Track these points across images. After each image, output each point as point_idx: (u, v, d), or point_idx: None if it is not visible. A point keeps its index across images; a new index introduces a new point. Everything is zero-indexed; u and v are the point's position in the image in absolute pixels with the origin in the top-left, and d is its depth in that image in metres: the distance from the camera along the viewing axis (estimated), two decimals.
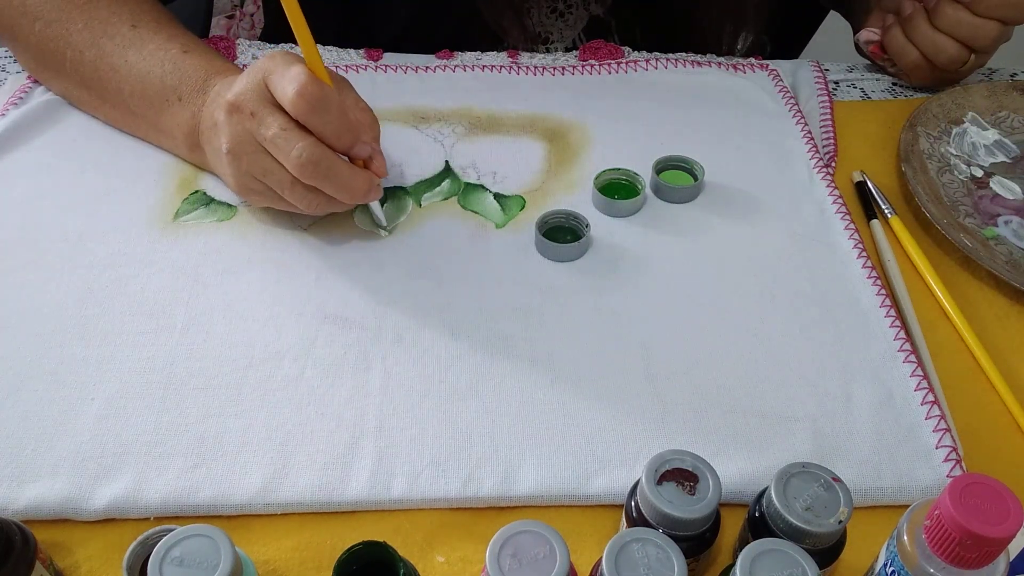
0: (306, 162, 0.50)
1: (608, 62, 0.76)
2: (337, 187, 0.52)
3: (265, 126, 0.51)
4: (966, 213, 0.63)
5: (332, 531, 0.45)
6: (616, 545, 0.35)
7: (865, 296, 0.56)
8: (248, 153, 0.52)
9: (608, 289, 0.56)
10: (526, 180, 0.64)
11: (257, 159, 0.52)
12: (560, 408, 0.49)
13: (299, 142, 0.50)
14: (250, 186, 0.55)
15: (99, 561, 0.43)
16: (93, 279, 0.55)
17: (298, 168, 0.51)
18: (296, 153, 0.50)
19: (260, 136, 0.51)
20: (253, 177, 0.54)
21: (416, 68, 0.74)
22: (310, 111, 0.50)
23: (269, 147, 0.51)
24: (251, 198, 0.57)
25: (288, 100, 0.49)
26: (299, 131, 0.51)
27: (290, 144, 0.50)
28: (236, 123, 0.52)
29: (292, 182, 0.52)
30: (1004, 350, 0.55)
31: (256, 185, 0.54)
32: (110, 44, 0.61)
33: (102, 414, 0.48)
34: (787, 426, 0.49)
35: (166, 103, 0.60)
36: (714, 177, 0.65)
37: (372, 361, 0.51)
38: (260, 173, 0.53)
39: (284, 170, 0.52)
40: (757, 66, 0.76)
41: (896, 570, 0.36)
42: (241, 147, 0.52)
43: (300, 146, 0.50)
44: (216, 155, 0.56)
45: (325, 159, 0.51)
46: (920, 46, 0.71)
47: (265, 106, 0.51)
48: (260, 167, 0.53)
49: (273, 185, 0.53)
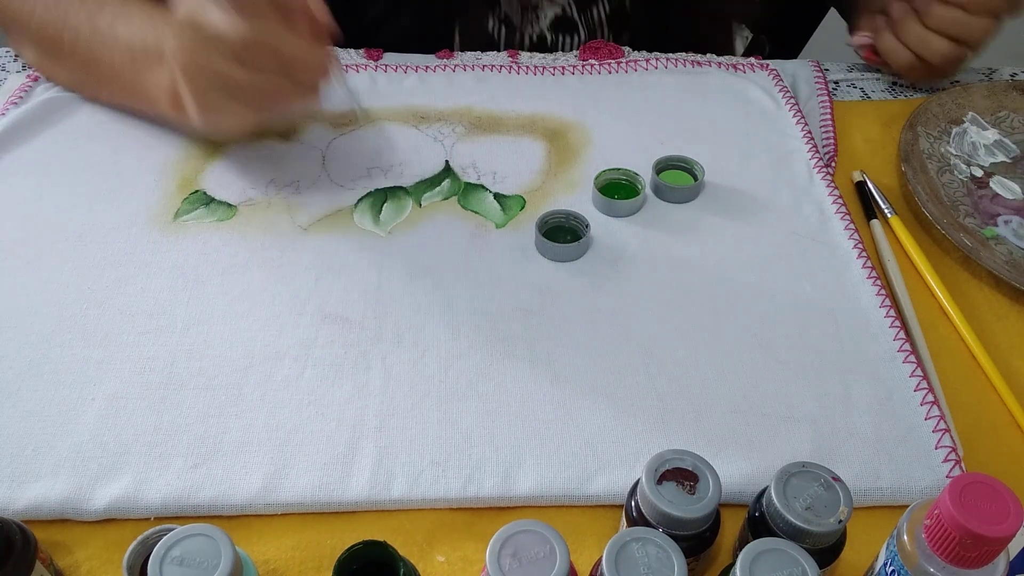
0: (243, 25, 0.50)
1: (608, 62, 0.76)
2: (282, 43, 0.51)
3: (210, 25, 0.50)
4: (966, 213, 0.63)
5: (332, 531, 0.45)
6: (616, 545, 0.35)
7: (865, 296, 0.56)
8: (197, 50, 0.52)
9: (608, 289, 0.56)
10: (526, 180, 0.64)
11: (205, 53, 0.52)
12: (560, 408, 0.49)
13: (233, 10, 0.50)
14: (210, 101, 0.54)
15: (99, 561, 0.43)
16: (93, 279, 0.55)
17: (236, 32, 0.50)
18: (234, 20, 0.50)
19: (205, 36, 0.51)
20: (206, 76, 0.53)
21: (416, 68, 0.74)
22: None
23: (212, 30, 0.51)
24: (216, 118, 0.56)
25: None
26: (240, 17, 0.50)
27: (226, 16, 0.50)
28: (185, 37, 0.52)
29: (243, 63, 0.51)
30: (1004, 350, 0.55)
31: (215, 97, 0.54)
32: (102, 21, 0.62)
33: (102, 414, 0.48)
34: (787, 426, 0.49)
35: (149, 64, 0.60)
36: (714, 177, 0.65)
37: (372, 361, 0.51)
38: (214, 79, 0.53)
39: (231, 65, 0.51)
40: (757, 66, 0.76)
41: (896, 570, 0.36)
42: (190, 56, 0.53)
43: (235, 16, 0.50)
44: (181, 86, 0.56)
45: (266, 23, 0.50)
46: (913, 47, 0.71)
47: (206, 3, 0.51)
48: (212, 71, 0.52)
49: (224, 69, 0.52)
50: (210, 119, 0.56)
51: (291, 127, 0.61)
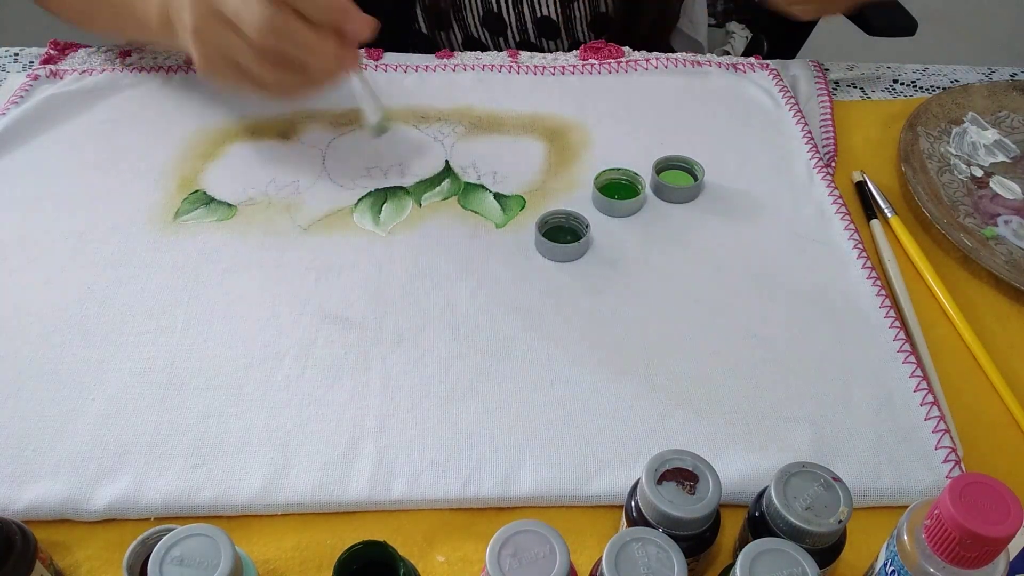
0: (264, 25, 0.49)
1: (608, 62, 0.76)
2: (302, 49, 0.51)
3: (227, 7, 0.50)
4: (966, 213, 0.63)
5: (332, 531, 0.45)
6: (616, 545, 0.35)
7: (865, 296, 0.56)
8: (211, 27, 0.52)
9: (608, 289, 0.56)
10: (526, 180, 0.64)
11: (220, 33, 0.52)
12: (560, 408, 0.49)
13: (258, 6, 0.49)
14: (216, 64, 0.54)
15: (99, 561, 0.43)
16: (93, 279, 0.55)
17: (257, 31, 0.50)
18: (257, 17, 0.49)
19: (222, 4, 0.51)
20: (219, 54, 0.53)
21: (416, 68, 0.74)
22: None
23: (232, 17, 0.51)
24: (218, 78, 0.55)
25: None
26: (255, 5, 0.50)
27: (249, 9, 0.49)
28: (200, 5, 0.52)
29: (258, 55, 0.51)
30: (1004, 350, 0.55)
31: (221, 63, 0.54)
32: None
33: (102, 414, 0.48)
34: (787, 426, 0.49)
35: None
36: (714, 177, 0.65)
37: (372, 361, 0.51)
38: (225, 47, 0.52)
39: (243, 49, 0.51)
40: (757, 66, 0.76)
41: (896, 570, 0.36)
42: (204, 21, 0.52)
43: (258, 10, 0.49)
44: (184, 35, 0.56)
45: (288, 24, 0.50)
46: None
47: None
48: (225, 41, 0.52)
49: (239, 59, 0.52)
50: (211, 75, 0.55)
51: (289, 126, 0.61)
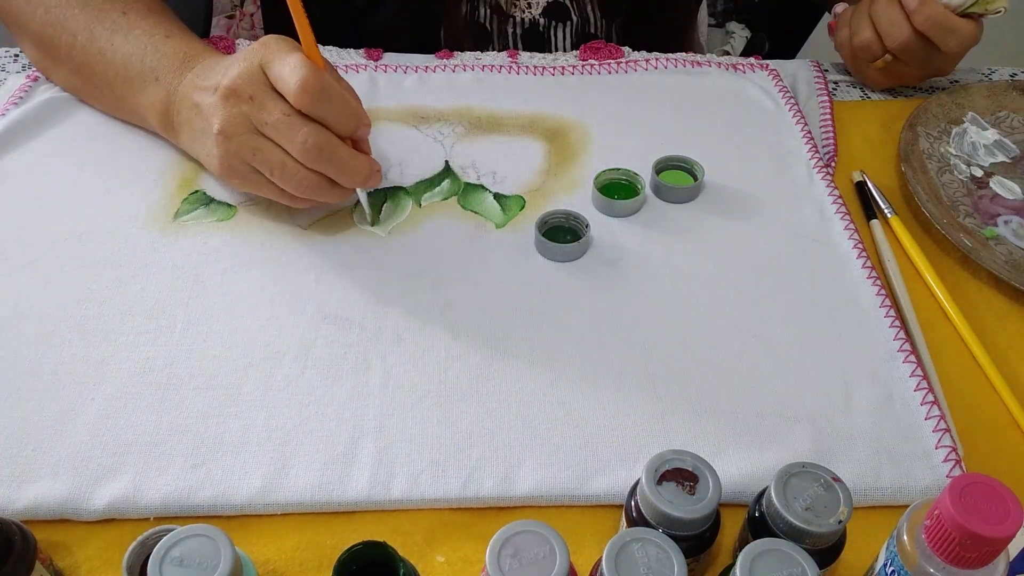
0: (311, 147, 0.52)
1: (608, 62, 0.76)
2: (339, 170, 0.54)
3: (266, 111, 0.52)
4: (966, 213, 0.63)
5: (332, 531, 0.45)
6: (616, 545, 0.35)
7: (865, 296, 0.56)
8: (240, 135, 0.53)
9: (608, 289, 0.56)
10: (526, 180, 0.64)
11: (249, 140, 0.53)
12: (560, 408, 0.49)
13: (303, 127, 0.52)
14: (236, 168, 0.55)
15: (99, 561, 0.43)
16: (93, 279, 0.55)
17: (303, 153, 0.52)
18: (301, 139, 0.52)
19: (259, 121, 0.52)
20: (241, 159, 0.54)
21: (416, 68, 0.74)
22: (314, 101, 0.51)
23: (270, 132, 0.52)
24: (234, 181, 0.57)
25: (292, 92, 0.51)
26: (301, 117, 0.52)
27: (294, 130, 0.52)
28: (232, 106, 0.53)
29: (283, 164, 0.53)
30: (1004, 350, 0.55)
31: (242, 167, 0.55)
32: (100, 28, 0.62)
33: (102, 414, 0.48)
34: (787, 426, 0.49)
35: (144, 83, 0.61)
36: (714, 177, 0.65)
37: (372, 361, 0.51)
38: (249, 154, 0.54)
39: (277, 152, 0.53)
40: (757, 66, 0.76)
41: (896, 570, 0.36)
42: (233, 128, 0.53)
43: (305, 131, 0.52)
44: (199, 136, 0.57)
45: (329, 144, 0.53)
46: (879, 24, 0.70)
47: (265, 92, 0.52)
48: (250, 148, 0.53)
49: (262, 167, 0.54)
50: (227, 177, 0.57)
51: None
